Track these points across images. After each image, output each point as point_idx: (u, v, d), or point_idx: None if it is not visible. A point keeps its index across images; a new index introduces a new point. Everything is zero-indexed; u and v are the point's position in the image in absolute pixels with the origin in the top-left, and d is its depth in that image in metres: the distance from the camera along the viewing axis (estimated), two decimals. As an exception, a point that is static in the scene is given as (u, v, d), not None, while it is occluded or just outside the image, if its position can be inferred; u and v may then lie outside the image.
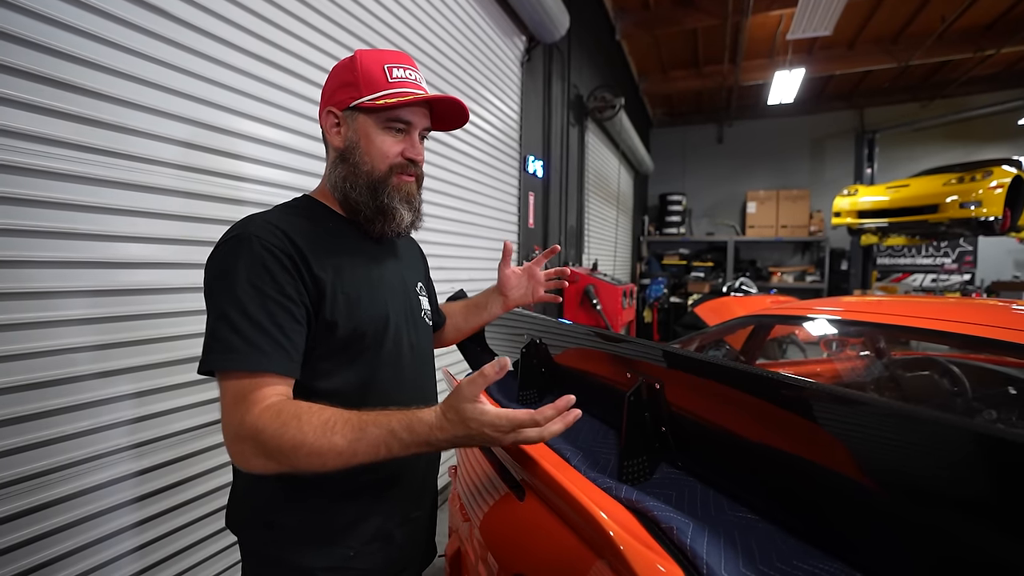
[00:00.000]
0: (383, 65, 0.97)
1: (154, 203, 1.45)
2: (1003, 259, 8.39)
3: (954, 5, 5.89)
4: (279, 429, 0.76)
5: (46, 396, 1.25)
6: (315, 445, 0.76)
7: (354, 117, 0.99)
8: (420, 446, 0.78)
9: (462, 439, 0.79)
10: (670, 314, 8.44)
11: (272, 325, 0.83)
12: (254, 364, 0.80)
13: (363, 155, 0.99)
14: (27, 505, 1.21)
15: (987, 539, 0.56)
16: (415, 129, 1.02)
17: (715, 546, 0.71)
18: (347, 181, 1.00)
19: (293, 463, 0.77)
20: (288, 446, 0.76)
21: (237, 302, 0.82)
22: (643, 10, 6.60)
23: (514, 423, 0.78)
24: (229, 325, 0.81)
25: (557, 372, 1.46)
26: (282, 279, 0.85)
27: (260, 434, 0.77)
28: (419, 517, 1.11)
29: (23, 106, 1.17)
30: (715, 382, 0.89)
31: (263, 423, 0.77)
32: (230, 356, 0.80)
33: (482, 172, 3.57)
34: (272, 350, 0.82)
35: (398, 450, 0.78)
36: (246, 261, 0.84)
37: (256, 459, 0.79)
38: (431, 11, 2.83)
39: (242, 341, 0.80)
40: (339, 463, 0.77)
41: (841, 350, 2.79)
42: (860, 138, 9.05)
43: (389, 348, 1.01)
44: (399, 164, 1.00)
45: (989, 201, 5.52)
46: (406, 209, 1.02)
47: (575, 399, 0.82)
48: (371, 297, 0.99)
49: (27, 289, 1.20)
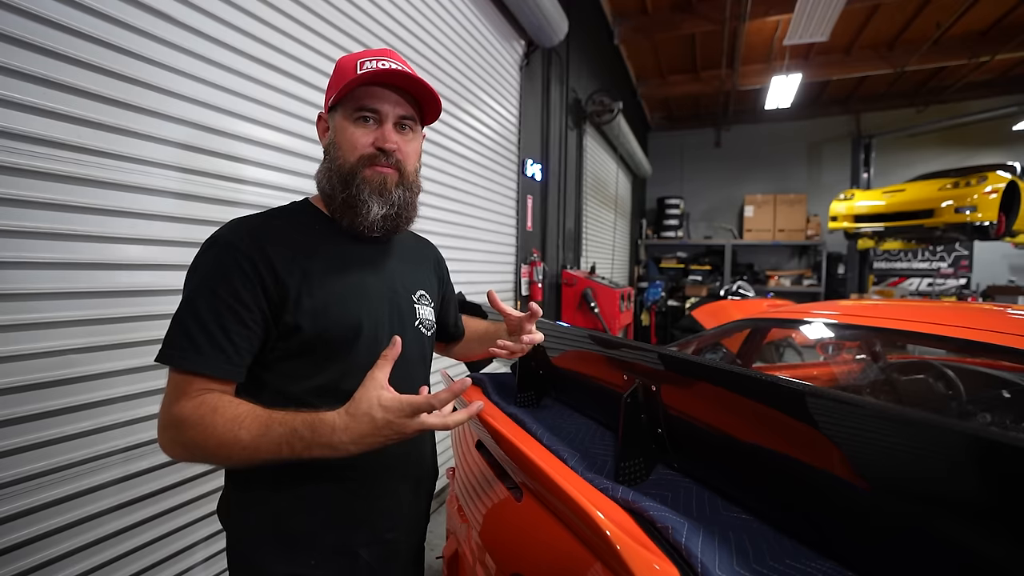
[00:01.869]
0: (356, 60, 0.97)
1: (153, 205, 1.46)
2: (998, 263, 8.42)
3: (949, 11, 5.93)
4: (197, 420, 0.80)
5: (45, 397, 1.25)
6: (223, 437, 0.79)
7: (333, 116, 1.01)
8: (323, 448, 0.77)
9: (368, 436, 0.77)
10: (667, 317, 8.45)
11: (217, 327, 0.85)
12: (189, 364, 0.83)
13: (337, 150, 0.99)
14: (27, 506, 1.21)
15: (979, 540, 0.57)
16: (387, 118, 0.98)
17: (710, 545, 0.72)
18: (324, 177, 1.01)
19: (205, 454, 0.82)
20: (200, 437, 0.80)
21: (190, 302, 0.86)
22: (641, 15, 6.63)
23: (413, 407, 0.77)
24: (178, 323, 0.86)
25: (555, 374, 1.47)
26: (238, 283, 0.87)
27: (181, 423, 0.81)
28: (395, 540, 1.05)
29: (21, 107, 1.18)
30: (711, 385, 0.90)
31: (185, 413, 0.81)
32: (171, 352, 0.84)
33: (481, 175, 3.58)
34: (210, 351, 0.84)
35: (300, 450, 0.78)
36: (209, 264, 0.88)
37: (175, 447, 0.83)
38: (431, 15, 2.85)
39: (184, 339, 0.84)
40: (243, 458, 0.80)
41: (837, 354, 2.81)
42: (857, 143, 9.09)
43: (363, 355, 0.96)
44: (368, 155, 0.98)
45: (984, 206, 5.55)
46: (376, 202, 0.98)
47: (470, 383, 0.82)
48: (342, 303, 0.96)
49: (25, 290, 1.21)
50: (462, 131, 3.29)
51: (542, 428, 1.22)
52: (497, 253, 3.91)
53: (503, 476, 1.22)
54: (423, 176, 1.11)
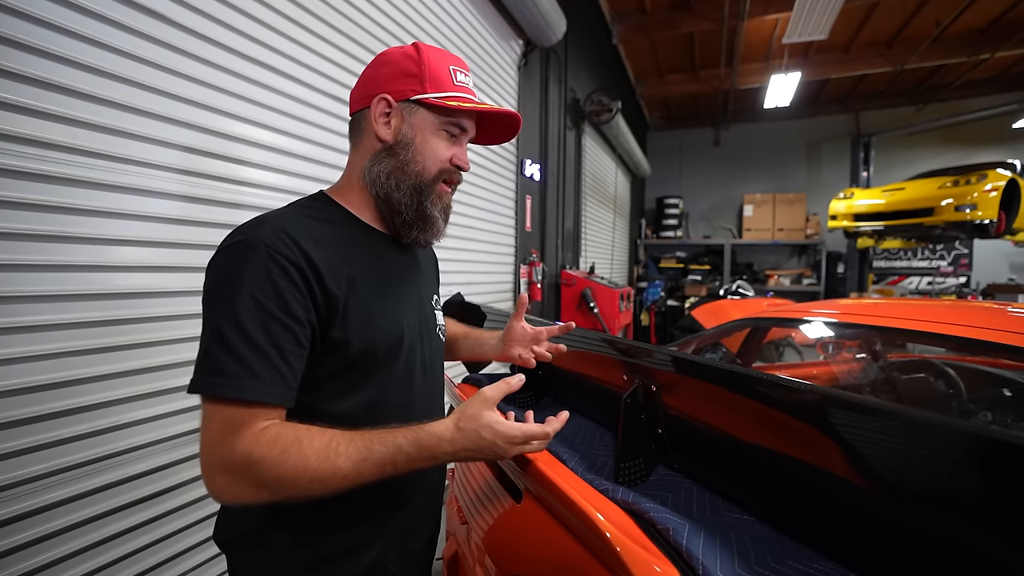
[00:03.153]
0: (448, 66, 0.93)
1: (153, 207, 1.45)
2: (998, 262, 8.43)
3: (949, 9, 5.93)
4: (279, 457, 0.71)
5: (43, 400, 1.25)
6: (318, 470, 0.71)
7: (412, 111, 0.91)
8: (426, 460, 0.77)
9: (470, 451, 0.78)
10: (667, 317, 8.45)
11: (272, 347, 0.74)
12: (247, 392, 0.72)
13: (416, 153, 0.92)
14: (25, 509, 1.21)
15: (981, 539, 0.57)
16: (466, 136, 0.97)
17: (711, 547, 0.72)
18: (392, 178, 0.92)
19: (292, 491, 0.72)
20: (290, 475, 0.71)
21: (235, 318, 0.73)
22: (640, 14, 6.63)
23: (527, 435, 0.79)
24: (223, 344, 0.73)
25: (554, 374, 1.46)
26: (289, 296, 0.76)
27: (257, 464, 0.70)
28: (416, 548, 1.04)
29: (20, 110, 1.17)
30: (712, 384, 0.90)
31: (260, 452, 0.71)
32: (222, 381, 0.72)
33: (479, 175, 3.58)
34: (269, 376, 0.74)
35: (404, 466, 0.76)
36: (251, 272, 0.75)
37: (248, 490, 0.72)
38: (428, 15, 2.85)
39: (236, 364, 0.72)
40: (343, 486, 0.74)
41: (837, 353, 2.80)
42: (856, 141, 9.10)
43: (402, 367, 0.94)
44: (448, 170, 0.95)
45: (984, 204, 5.56)
46: (443, 220, 0.98)
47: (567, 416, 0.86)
48: (385, 313, 0.91)
49: (23, 293, 1.20)
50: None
51: (542, 429, 1.21)
52: (496, 254, 3.91)
53: (502, 477, 1.21)
54: None
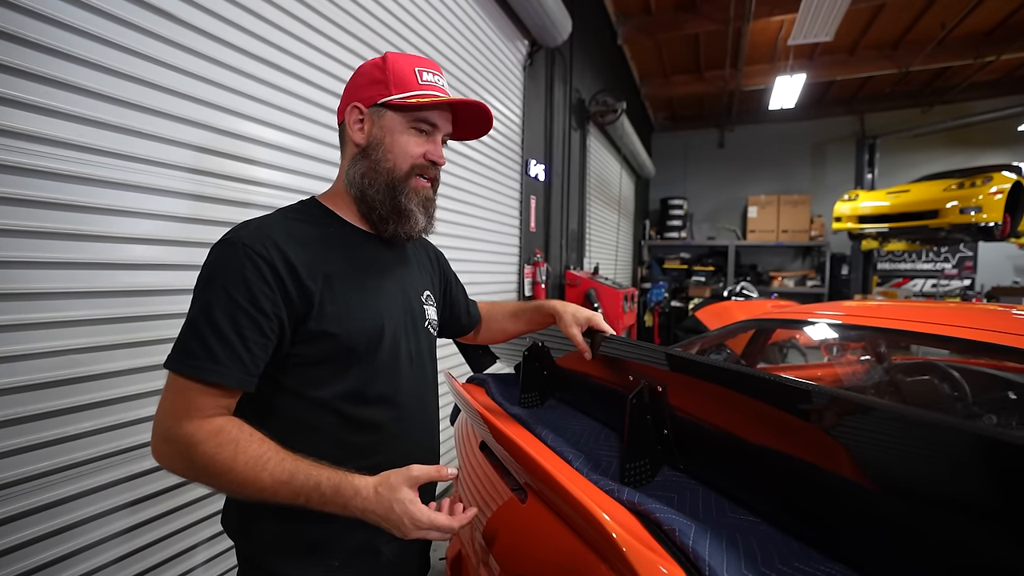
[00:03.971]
0: (414, 67, 0.98)
1: (161, 205, 1.46)
2: (1003, 264, 8.39)
3: (955, 11, 5.91)
4: (214, 449, 0.78)
5: (49, 397, 1.25)
6: (241, 475, 0.78)
7: (380, 114, 0.98)
8: (337, 507, 0.81)
9: (378, 516, 0.81)
10: (671, 318, 8.44)
11: (235, 335, 0.82)
12: (206, 373, 0.80)
13: (385, 152, 0.98)
14: (30, 506, 1.21)
15: (988, 542, 0.56)
16: (439, 132, 1.02)
17: (717, 548, 0.71)
18: (366, 178, 0.99)
19: (213, 483, 0.80)
20: (216, 469, 0.78)
21: (206, 308, 0.82)
22: (645, 15, 6.63)
23: (432, 523, 0.82)
24: (193, 330, 0.82)
25: (558, 375, 1.46)
26: (257, 291, 0.84)
27: (193, 447, 0.78)
28: None
29: (32, 108, 1.18)
30: (717, 385, 0.90)
31: (200, 437, 0.78)
32: (186, 361, 0.80)
33: (484, 175, 3.58)
34: (228, 361, 0.81)
35: (316, 503, 0.80)
36: (228, 268, 0.84)
37: (178, 464, 0.81)
38: (435, 15, 2.85)
39: (201, 348, 0.80)
40: (256, 498, 0.80)
41: (842, 354, 2.79)
42: (861, 143, 9.07)
43: (385, 358, 0.98)
44: (420, 165, 1.00)
45: (989, 207, 5.53)
46: (421, 213, 1.02)
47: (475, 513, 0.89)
48: (365, 307, 0.96)
49: (30, 290, 1.21)
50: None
51: (546, 429, 1.22)
52: (500, 254, 3.91)
53: (507, 477, 1.21)
54: None
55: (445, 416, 1.82)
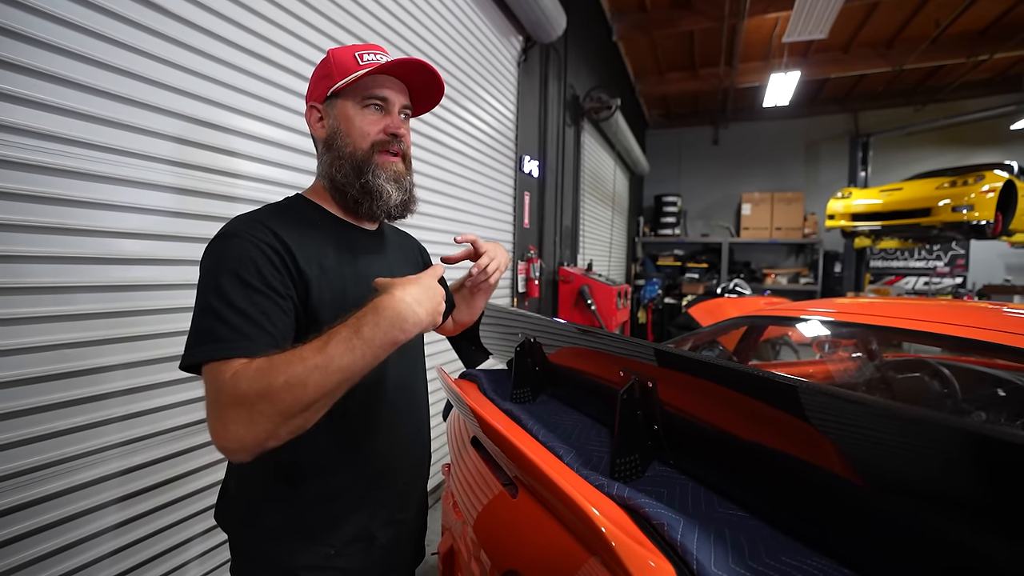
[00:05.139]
0: (354, 52, 0.99)
1: (147, 199, 1.45)
2: (994, 263, 8.45)
3: (949, 10, 5.93)
4: (255, 375, 0.72)
5: (38, 392, 1.24)
6: (293, 372, 0.71)
7: (333, 105, 1.00)
8: (390, 318, 0.76)
9: (400, 305, 0.77)
10: (664, 315, 8.46)
11: (259, 314, 0.81)
12: (241, 351, 0.76)
13: (344, 137, 0.99)
14: (18, 501, 1.21)
15: (975, 536, 0.57)
16: (393, 105, 1.02)
17: (705, 542, 0.72)
18: (333, 166, 1.00)
19: (278, 405, 0.70)
20: (264, 385, 0.70)
21: (222, 294, 0.80)
22: (640, 12, 6.62)
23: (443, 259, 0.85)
24: (215, 316, 0.78)
25: (550, 370, 1.46)
26: (267, 272, 0.84)
27: (238, 390, 0.71)
28: (405, 519, 1.11)
29: (13, 100, 1.16)
30: (708, 381, 0.90)
31: (238, 380, 0.72)
32: (217, 346, 0.76)
33: (478, 171, 3.57)
34: (259, 338, 0.79)
35: (369, 332, 0.74)
36: (232, 255, 0.84)
37: (240, 424, 0.71)
38: (428, 10, 2.83)
39: (229, 330, 0.77)
40: (322, 377, 0.72)
41: (833, 351, 2.81)
42: (854, 141, 9.10)
43: None
44: (381, 141, 1.00)
45: (981, 205, 5.57)
46: (394, 188, 1.02)
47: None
48: (355, 294, 0.95)
49: (19, 284, 1.20)
50: (459, 127, 3.27)
51: (538, 424, 1.22)
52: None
53: (498, 472, 1.22)
54: (419, 171, 1.12)
55: (437, 412, 1.82)
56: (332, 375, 0.72)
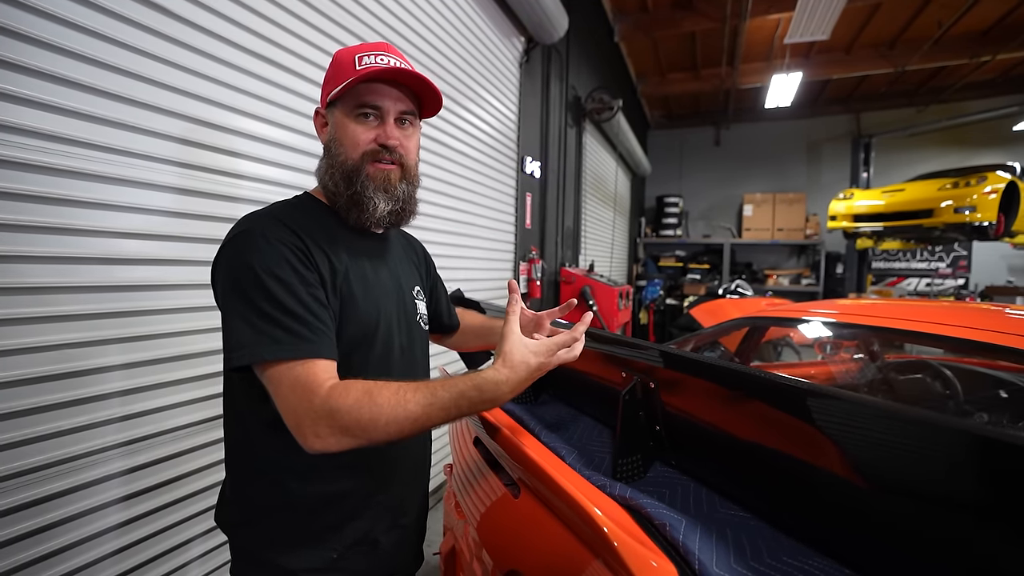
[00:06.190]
0: (355, 55, 0.97)
1: (150, 199, 1.45)
2: (997, 264, 8.43)
3: (951, 11, 5.92)
4: (354, 406, 0.78)
5: (41, 392, 1.25)
6: (392, 414, 0.79)
7: (332, 112, 1.00)
8: (487, 403, 0.84)
9: (524, 381, 0.87)
10: (666, 316, 8.46)
11: (308, 313, 0.84)
12: (304, 352, 0.81)
13: (339, 146, 0.99)
14: (21, 501, 1.21)
15: (977, 537, 0.57)
16: (388, 114, 0.98)
17: (707, 542, 0.72)
18: (327, 173, 1.00)
19: (370, 435, 0.79)
20: (366, 419, 0.78)
21: (268, 295, 0.83)
22: (642, 12, 6.62)
23: (559, 345, 0.89)
24: (268, 319, 0.82)
25: (552, 371, 1.46)
26: (303, 270, 0.87)
27: (335, 413, 0.78)
28: (407, 524, 1.10)
29: (16, 100, 1.17)
30: (710, 382, 0.90)
31: (336, 402, 0.78)
32: (280, 347, 0.81)
33: (480, 172, 3.57)
34: (316, 337, 0.84)
35: (466, 409, 0.83)
36: (263, 255, 0.85)
37: (331, 437, 0.79)
38: (430, 11, 2.84)
39: (286, 333, 0.81)
40: (415, 429, 0.81)
41: (835, 353, 2.81)
42: (856, 142, 9.08)
43: (379, 350, 1.00)
44: (371, 151, 0.98)
45: (983, 206, 5.55)
46: (382, 198, 0.99)
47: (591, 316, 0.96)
48: (366, 298, 0.98)
49: (22, 285, 1.20)
50: (461, 128, 3.28)
51: (540, 425, 1.22)
52: (495, 251, 3.91)
53: (500, 473, 1.22)
54: (422, 173, 1.11)
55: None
56: (424, 427, 0.82)
